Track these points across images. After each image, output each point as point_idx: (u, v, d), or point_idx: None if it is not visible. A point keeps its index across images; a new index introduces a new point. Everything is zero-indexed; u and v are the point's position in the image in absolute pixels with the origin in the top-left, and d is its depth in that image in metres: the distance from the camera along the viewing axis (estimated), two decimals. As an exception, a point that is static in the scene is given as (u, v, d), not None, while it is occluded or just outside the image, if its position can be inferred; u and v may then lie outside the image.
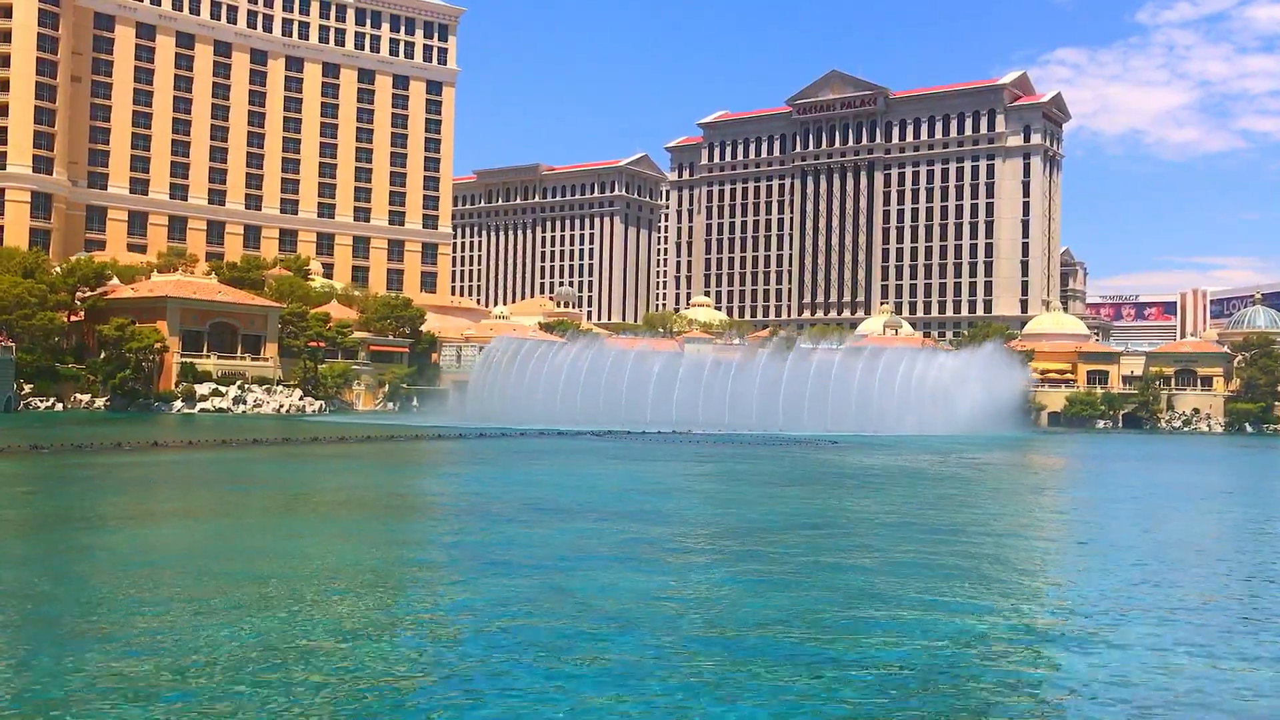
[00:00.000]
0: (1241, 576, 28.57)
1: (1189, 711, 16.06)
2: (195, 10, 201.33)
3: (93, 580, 23.95)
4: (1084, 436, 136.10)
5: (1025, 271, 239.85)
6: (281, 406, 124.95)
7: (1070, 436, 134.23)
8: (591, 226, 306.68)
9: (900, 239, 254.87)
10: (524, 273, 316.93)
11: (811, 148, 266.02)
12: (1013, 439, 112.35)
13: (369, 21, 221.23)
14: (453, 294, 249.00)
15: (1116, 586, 25.98)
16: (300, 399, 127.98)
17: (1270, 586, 27.40)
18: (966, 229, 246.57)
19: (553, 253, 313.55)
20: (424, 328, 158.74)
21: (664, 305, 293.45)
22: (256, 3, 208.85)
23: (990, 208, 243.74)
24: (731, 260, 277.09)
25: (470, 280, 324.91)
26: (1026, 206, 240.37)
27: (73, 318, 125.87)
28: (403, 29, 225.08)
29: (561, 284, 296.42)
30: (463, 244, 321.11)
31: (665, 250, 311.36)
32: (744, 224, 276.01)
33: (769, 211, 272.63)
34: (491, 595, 22.69)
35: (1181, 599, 24.65)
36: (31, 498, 40.48)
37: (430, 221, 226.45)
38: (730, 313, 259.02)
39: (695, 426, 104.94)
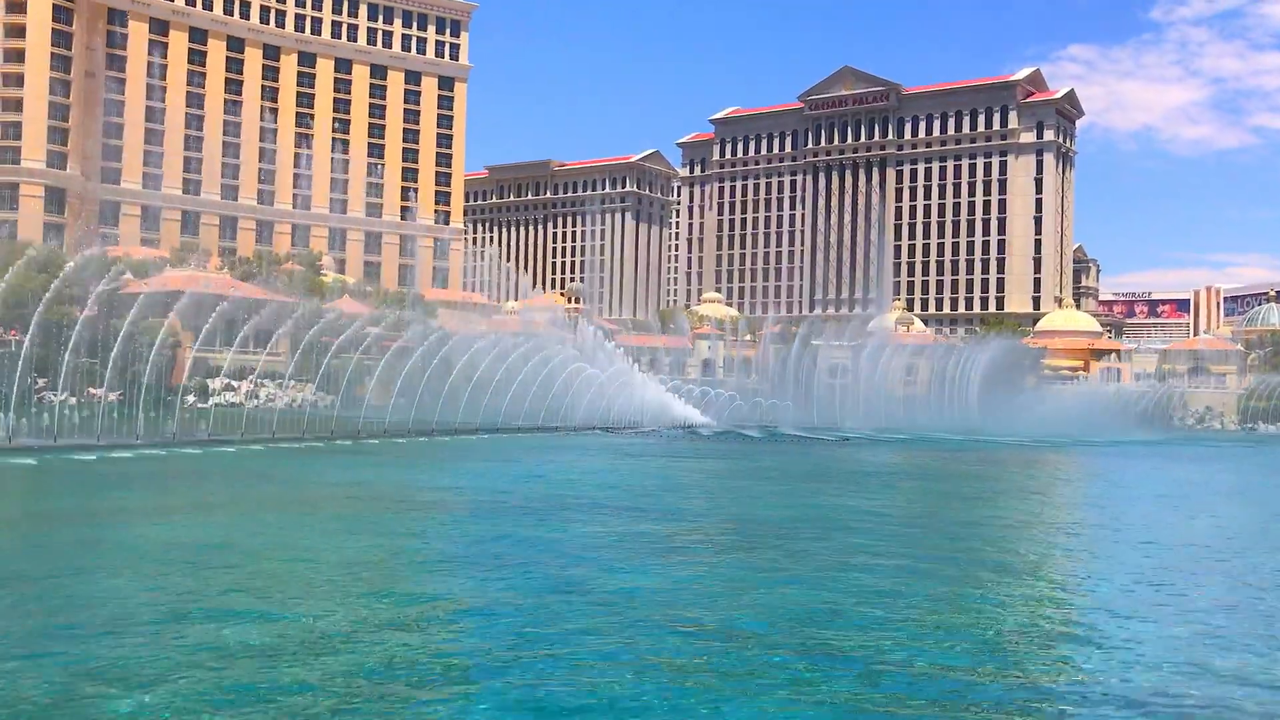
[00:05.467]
0: (1256, 575, 28.39)
1: (1205, 712, 15.96)
2: (208, 6, 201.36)
3: (105, 574, 24.00)
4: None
5: (1038, 268, 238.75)
6: (294, 401, 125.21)
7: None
8: (603, 222, 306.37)
9: (912, 235, 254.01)
10: (535, 268, 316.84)
11: (823, 144, 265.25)
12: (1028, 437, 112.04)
13: (381, 17, 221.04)
14: (464, 289, 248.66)
15: (1132, 584, 25.84)
16: (313, 394, 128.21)
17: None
18: (979, 225, 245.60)
19: (564, 248, 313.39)
20: (436, 323, 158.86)
21: (675, 301, 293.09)
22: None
23: (1003, 204, 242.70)
24: (743, 256, 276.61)
25: (482, 275, 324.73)
26: (1039, 203, 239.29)
27: (85, 312, 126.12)
28: (415, 25, 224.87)
29: (572, 280, 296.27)
30: (474, 239, 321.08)
31: (676, 246, 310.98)
32: (755, 220, 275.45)
33: (780, 207, 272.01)
34: (505, 589, 22.68)
35: (1196, 597, 24.49)
36: (44, 493, 40.62)
37: (442, 217, 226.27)
38: (741, 309, 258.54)
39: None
